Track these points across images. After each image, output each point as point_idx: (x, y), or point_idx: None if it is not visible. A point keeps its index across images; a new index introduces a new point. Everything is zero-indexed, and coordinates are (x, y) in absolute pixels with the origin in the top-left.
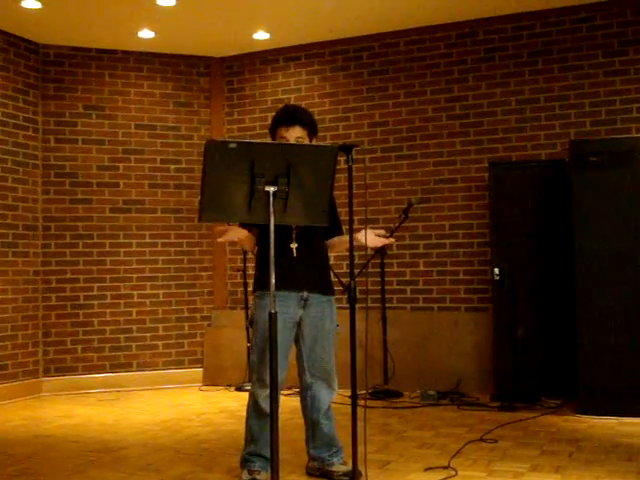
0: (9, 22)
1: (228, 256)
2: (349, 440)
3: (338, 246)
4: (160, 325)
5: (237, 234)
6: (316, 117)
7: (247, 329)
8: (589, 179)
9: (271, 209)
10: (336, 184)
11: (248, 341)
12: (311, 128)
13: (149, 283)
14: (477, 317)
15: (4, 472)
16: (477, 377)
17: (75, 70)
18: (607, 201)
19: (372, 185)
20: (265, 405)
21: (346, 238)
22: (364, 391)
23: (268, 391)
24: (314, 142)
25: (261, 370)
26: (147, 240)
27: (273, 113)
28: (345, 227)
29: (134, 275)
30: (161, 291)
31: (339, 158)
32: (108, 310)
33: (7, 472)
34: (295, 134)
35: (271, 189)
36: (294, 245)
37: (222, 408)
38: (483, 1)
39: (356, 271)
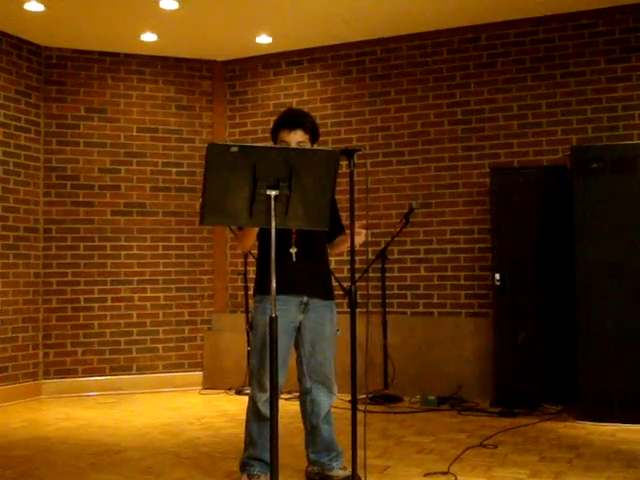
0: (12, 24)
1: (229, 259)
2: (349, 445)
3: (340, 245)
4: (160, 328)
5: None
6: (318, 121)
7: (247, 333)
8: (591, 185)
9: (272, 213)
10: (337, 188)
11: (248, 345)
12: (313, 133)
13: (149, 286)
14: (478, 322)
15: (3, 474)
16: (477, 382)
17: (77, 73)
18: (608, 207)
19: (373, 190)
20: (265, 409)
21: (345, 237)
22: (364, 396)
23: (268, 395)
24: (315, 147)
25: (261, 374)
26: (148, 243)
27: (275, 117)
28: (347, 231)
29: (135, 278)
30: (161, 294)
31: (341, 162)
32: (108, 313)
33: (6, 474)
34: (297, 138)
35: (272, 193)
36: (293, 250)
37: (222, 412)
38: (486, 7)
39: (357, 276)
